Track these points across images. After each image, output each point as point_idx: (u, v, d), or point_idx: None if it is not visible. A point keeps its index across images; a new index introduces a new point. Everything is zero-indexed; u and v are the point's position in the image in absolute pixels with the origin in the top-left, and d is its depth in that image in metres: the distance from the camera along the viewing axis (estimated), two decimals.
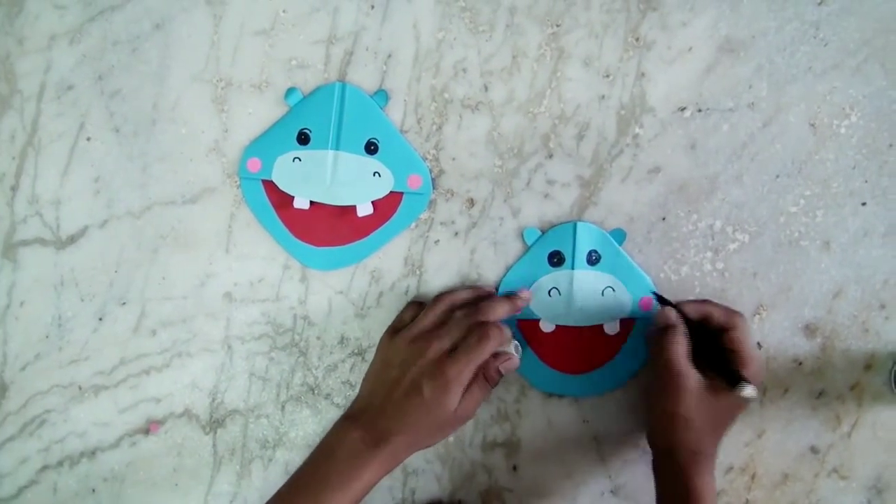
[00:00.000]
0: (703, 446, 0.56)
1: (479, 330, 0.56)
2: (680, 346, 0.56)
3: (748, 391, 0.52)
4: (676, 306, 0.58)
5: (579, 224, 0.62)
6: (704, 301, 0.59)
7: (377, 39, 0.62)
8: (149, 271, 0.65)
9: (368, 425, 0.56)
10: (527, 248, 0.63)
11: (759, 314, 0.62)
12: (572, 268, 0.62)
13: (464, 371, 0.55)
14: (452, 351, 0.56)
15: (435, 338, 0.57)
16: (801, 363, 0.63)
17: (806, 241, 0.62)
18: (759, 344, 0.62)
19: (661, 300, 0.60)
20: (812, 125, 0.61)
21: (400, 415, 0.55)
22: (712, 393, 0.55)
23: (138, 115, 0.64)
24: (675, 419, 0.56)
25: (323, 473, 0.54)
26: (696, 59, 0.61)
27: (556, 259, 0.62)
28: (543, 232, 0.63)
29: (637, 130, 0.62)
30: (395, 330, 0.60)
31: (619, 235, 0.62)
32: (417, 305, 0.62)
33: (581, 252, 0.62)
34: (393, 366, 0.57)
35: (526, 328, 0.63)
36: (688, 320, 0.57)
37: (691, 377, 0.56)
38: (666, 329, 0.57)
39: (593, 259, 0.62)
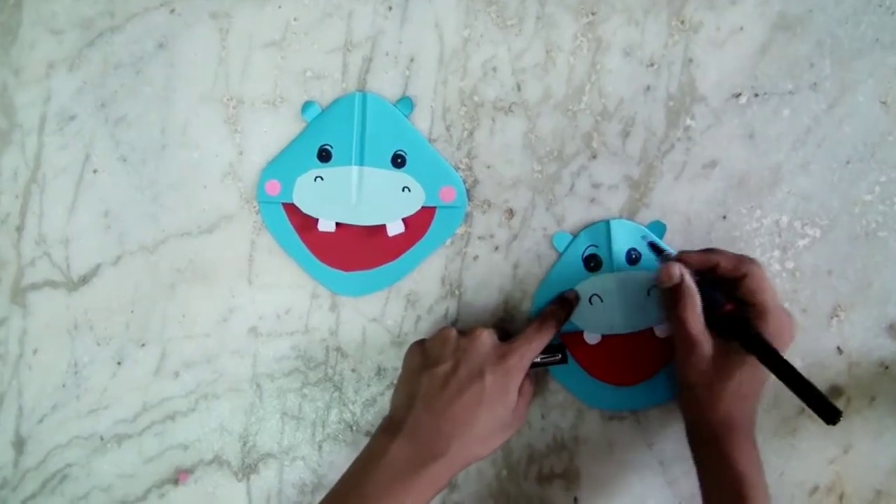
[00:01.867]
0: (732, 417, 0.51)
1: (536, 322, 0.55)
2: (692, 312, 0.51)
3: (765, 341, 0.48)
4: (680, 259, 0.52)
5: (613, 222, 0.58)
6: (710, 250, 0.53)
7: (397, 43, 0.58)
8: (167, 309, 0.61)
9: (415, 434, 0.50)
10: (559, 256, 0.58)
11: (836, 316, 0.57)
12: (612, 270, 0.57)
13: (524, 358, 0.53)
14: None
15: (485, 329, 0.53)
16: (887, 367, 0.57)
17: (884, 232, 0.57)
18: (839, 349, 0.57)
19: (658, 251, 0.55)
20: (883, 103, 0.56)
21: (455, 413, 0.50)
22: (731, 358, 0.51)
23: (146, 142, 0.60)
24: (695, 389, 0.52)
25: (361, 495, 0.49)
26: (749, 39, 0.57)
27: (592, 263, 0.58)
28: (575, 235, 0.58)
29: (688, 122, 0.57)
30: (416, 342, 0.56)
31: (659, 228, 0.58)
32: None
33: (619, 252, 0.58)
34: (442, 360, 0.52)
35: (569, 342, 0.58)
36: (699, 276, 0.52)
37: (705, 344, 0.51)
38: (675, 291, 0.51)
39: (633, 258, 0.57)
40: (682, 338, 0.52)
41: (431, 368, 0.52)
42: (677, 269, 0.51)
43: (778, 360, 0.48)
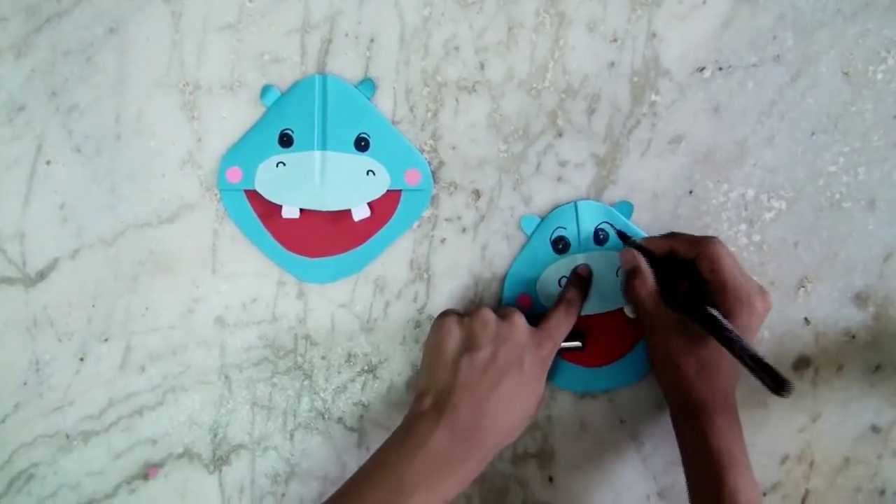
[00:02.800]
0: (704, 393, 0.52)
1: (562, 305, 0.55)
2: (642, 289, 0.54)
3: (714, 313, 0.49)
4: (640, 245, 0.55)
5: (580, 203, 0.58)
6: (670, 234, 0.55)
7: (356, 23, 0.57)
8: (130, 302, 0.60)
9: (455, 423, 0.50)
10: (527, 238, 0.58)
11: (803, 287, 0.58)
12: (580, 251, 0.57)
13: (556, 346, 0.54)
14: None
15: (518, 312, 0.53)
16: (853, 336, 0.58)
17: (849, 203, 0.58)
18: (806, 319, 0.58)
19: (624, 238, 0.56)
20: (845, 74, 0.57)
21: (494, 404, 0.50)
22: (692, 335, 0.52)
23: (100, 131, 0.59)
24: (663, 368, 0.54)
25: (400, 480, 0.48)
26: (711, 12, 0.57)
27: (560, 245, 0.58)
28: (543, 218, 0.58)
29: (653, 98, 0.57)
30: (450, 314, 0.55)
31: (626, 208, 0.58)
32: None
33: (587, 233, 0.58)
34: (481, 345, 0.52)
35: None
36: (659, 259, 0.54)
37: (660, 319, 0.53)
38: (629, 273, 0.54)
39: (601, 238, 0.57)
40: (639, 316, 0.55)
41: (471, 353, 0.51)
42: (632, 254, 0.54)
43: (721, 332, 0.49)
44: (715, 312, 0.49)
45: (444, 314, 0.55)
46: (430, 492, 0.48)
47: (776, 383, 0.46)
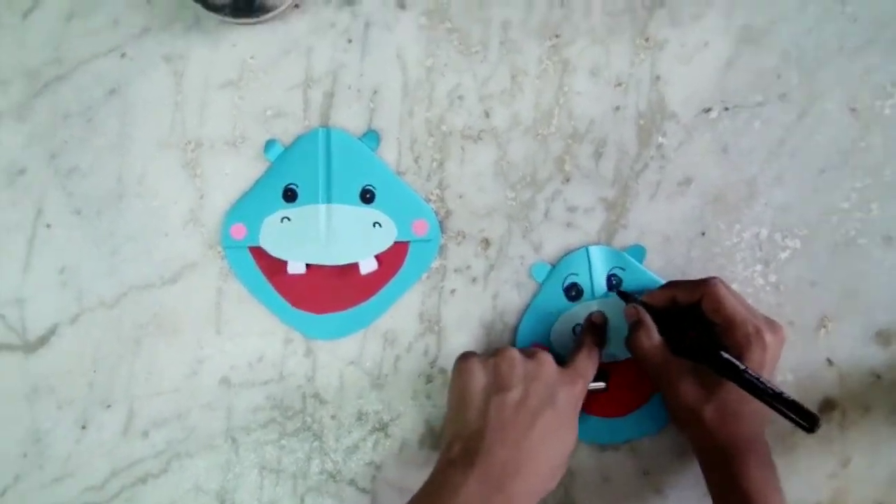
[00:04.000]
0: (731, 439, 0.50)
1: (585, 348, 0.54)
2: (645, 341, 0.53)
3: (727, 357, 0.49)
4: (642, 302, 0.54)
5: (591, 248, 0.57)
6: (670, 283, 0.54)
7: (359, 76, 0.58)
8: (132, 366, 0.59)
9: (489, 469, 0.46)
10: (539, 286, 0.57)
11: (824, 327, 0.57)
12: (593, 298, 0.56)
13: (587, 383, 0.52)
14: None
15: (547, 354, 0.51)
16: (879, 376, 0.57)
17: (864, 239, 0.57)
18: (829, 360, 0.57)
19: (624, 296, 0.56)
20: (852, 110, 0.57)
21: (529, 445, 0.47)
22: (708, 382, 0.51)
23: (101, 193, 0.59)
24: (679, 420, 0.53)
25: None
26: (715, 53, 0.57)
27: (573, 292, 0.57)
28: (554, 265, 0.57)
29: (660, 140, 0.57)
30: (471, 355, 0.53)
31: (638, 252, 0.57)
32: None
33: (599, 279, 0.57)
34: (511, 385, 0.49)
35: None
36: (664, 311, 0.54)
37: (670, 367, 0.52)
38: (631, 327, 0.54)
39: (614, 284, 0.57)
40: (647, 370, 0.54)
41: (501, 394, 0.49)
42: (633, 309, 0.54)
43: (738, 374, 0.48)
44: (728, 356, 0.49)
45: (466, 356, 0.52)
46: None
47: (804, 419, 0.45)
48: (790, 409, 0.46)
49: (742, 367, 0.48)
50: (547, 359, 0.51)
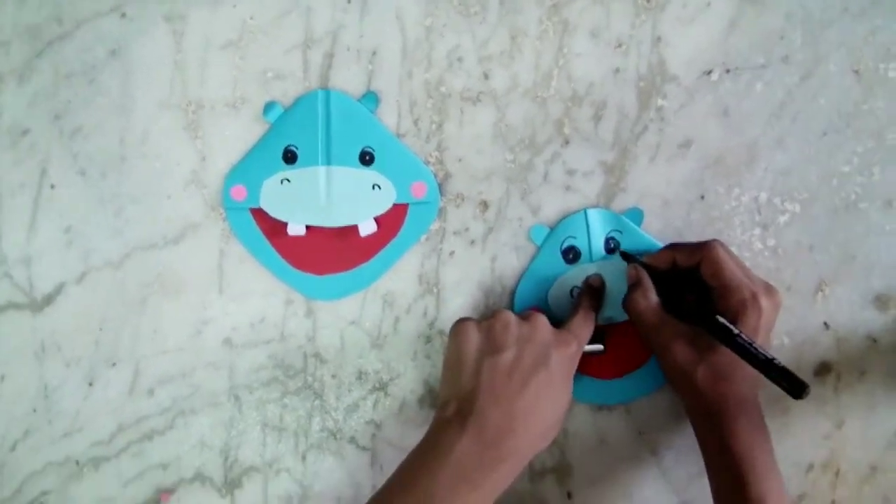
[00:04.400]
0: (721, 400, 0.51)
1: (581, 310, 0.54)
2: (641, 301, 0.53)
3: (722, 321, 0.49)
4: (643, 262, 0.55)
5: (590, 211, 0.58)
6: (670, 246, 0.55)
7: (358, 37, 0.58)
8: (138, 325, 0.60)
9: (482, 429, 0.48)
10: (537, 249, 0.58)
11: (821, 291, 0.57)
12: (591, 260, 0.57)
13: (581, 344, 0.53)
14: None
15: (542, 317, 0.52)
16: (875, 340, 0.57)
17: (865, 203, 0.57)
18: (826, 324, 0.57)
19: (627, 257, 0.56)
20: (856, 72, 0.56)
21: (522, 406, 0.48)
22: (702, 344, 0.51)
23: (104, 154, 0.59)
24: (672, 378, 0.54)
25: (426, 493, 0.46)
26: (717, 14, 0.57)
27: (571, 255, 0.57)
28: (552, 228, 0.57)
29: (660, 102, 0.57)
30: (468, 319, 0.53)
31: (636, 215, 0.57)
32: None
33: (597, 242, 0.57)
34: (504, 347, 0.50)
35: None
36: (664, 273, 0.54)
37: (665, 329, 0.52)
38: (629, 287, 0.54)
39: (612, 247, 0.57)
40: (642, 331, 0.54)
41: (494, 356, 0.50)
42: (634, 270, 0.54)
43: (732, 339, 0.48)
44: (723, 320, 0.49)
45: (462, 320, 0.53)
46: (461, 502, 0.46)
47: (793, 386, 0.45)
48: (780, 376, 0.46)
49: (736, 331, 0.48)
50: (542, 321, 0.51)
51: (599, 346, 0.57)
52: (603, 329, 0.57)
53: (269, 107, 0.58)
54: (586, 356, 0.56)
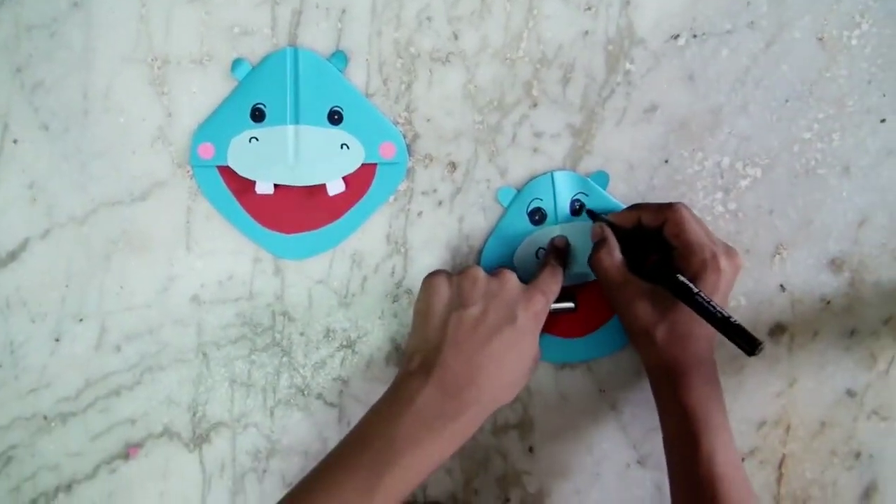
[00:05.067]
0: (678, 357, 0.53)
1: (548, 266, 0.55)
2: (606, 259, 0.54)
3: (682, 279, 0.51)
4: (608, 221, 0.56)
5: (556, 174, 0.58)
6: (635, 206, 0.57)
7: None
8: (103, 281, 0.60)
9: (444, 380, 0.49)
10: (504, 210, 0.59)
11: (779, 254, 0.59)
12: (557, 222, 0.58)
13: (549, 302, 0.53)
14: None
15: (510, 273, 0.53)
16: (829, 302, 0.59)
17: (823, 169, 0.58)
18: (782, 286, 0.59)
19: (593, 216, 0.57)
20: (820, 39, 0.57)
21: (485, 359, 0.49)
22: (663, 303, 0.53)
23: (67, 108, 0.59)
24: (637, 336, 0.55)
25: (389, 440, 0.48)
26: None
27: (537, 217, 0.58)
28: (519, 190, 0.58)
29: (628, 66, 0.58)
30: (439, 273, 0.54)
31: (602, 178, 0.58)
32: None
33: (563, 204, 0.58)
34: (471, 302, 0.51)
35: None
36: (628, 232, 0.55)
37: (628, 287, 0.54)
38: (595, 245, 0.56)
39: (577, 208, 0.58)
40: (605, 287, 0.55)
41: (460, 310, 0.51)
42: (599, 228, 0.55)
43: (690, 296, 0.50)
44: (684, 279, 0.51)
45: (433, 273, 0.53)
46: (421, 450, 0.48)
47: (747, 343, 0.47)
48: (735, 333, 0.48)
49: (695, 290, 0.50)
50: (510, 277, 0.52)
51: (570, 304, 0.58)
52: (573, 288, 0.59)
53: (236, 64, 0.58)
54: (558, 314, 0.58)
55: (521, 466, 0.62)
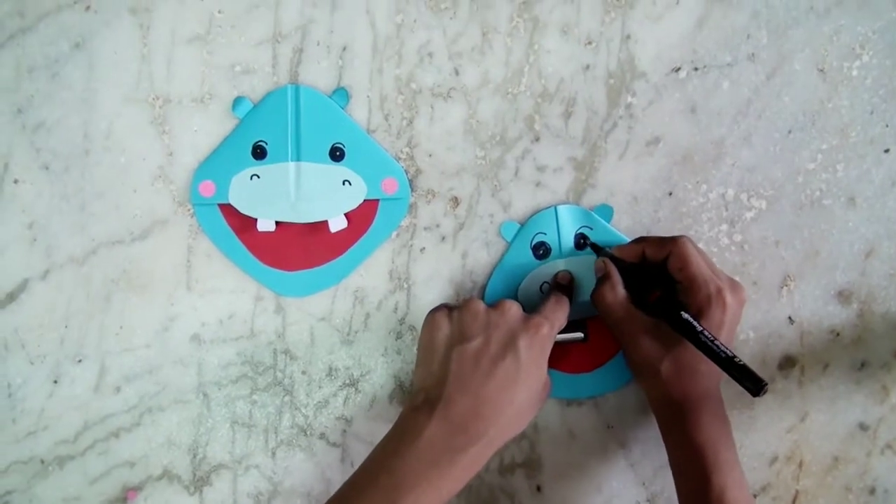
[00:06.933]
0: (685, 393, 0.53)
1: (553, 296, 0.55)
2: (609, 295, 0.54)
3: (687, 317, 0.51)
4: (611, 255, 0.56)
5: (560, 208, 0.59)
6: (639, 239, 0.56)
7: (328, 32, 0.58)
8: (103, 322, 0.60)
9: (450, 415, 0.49)
10: (507, 245, 0.59)
11: (786, 286, 0.59)
12: (561, 256, 0.58)
13: (554, 328, 0.53)
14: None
15: (512, 301, 0.53)
16: (838, 334, 0.59)
17: (829, 200, 0.59)
18: (790, 318, 0.59)
19: (596, 249, 0.58)
20: (821, 71, 0.58)
21: (491, 392, 0.49)
22: (667, 338, 0.53)
23: (68, 148, 0.59)
24: (637, 374, 0.55)
25: (395, 476, 0.48)
26: (685, 12, 0.58)
27: (541, 251, 0.58)
28: (523, 224, 0.59)
29: (629, 99, 0.58)
30: (440, 308, 0.55)
31: (606, 211, 0.59)
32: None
33: (567, 238, 0.58)
34: (472, 336, 0.51)
35: None
36: (632, 266, 0.55)
37: (631, 322, 0.54)
38: (598, 280, 0.56)
39: (581, 242, 0.58)
40: (609, 324, 0.55)
41: (462, 344, 0.51)
42: (602, 263, 0.56)
43: (695, 335, 0.50)
44: (688, 317, 0.51)
45: (435, 309, 0.54)
46: (428, 486, 0.47)
47: (752, 383, 0.47)
48: (740, 373, 0.48)
49: (699, 328, 0.50)
50: (511, 306, 0.52)
51: (580, 334, 0.58)
52: (585, 319, 0.58)
53: (237, 102, 0.58)
54: (566, 344, 0.58)
55: None
